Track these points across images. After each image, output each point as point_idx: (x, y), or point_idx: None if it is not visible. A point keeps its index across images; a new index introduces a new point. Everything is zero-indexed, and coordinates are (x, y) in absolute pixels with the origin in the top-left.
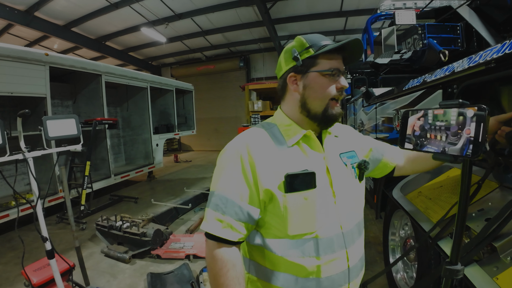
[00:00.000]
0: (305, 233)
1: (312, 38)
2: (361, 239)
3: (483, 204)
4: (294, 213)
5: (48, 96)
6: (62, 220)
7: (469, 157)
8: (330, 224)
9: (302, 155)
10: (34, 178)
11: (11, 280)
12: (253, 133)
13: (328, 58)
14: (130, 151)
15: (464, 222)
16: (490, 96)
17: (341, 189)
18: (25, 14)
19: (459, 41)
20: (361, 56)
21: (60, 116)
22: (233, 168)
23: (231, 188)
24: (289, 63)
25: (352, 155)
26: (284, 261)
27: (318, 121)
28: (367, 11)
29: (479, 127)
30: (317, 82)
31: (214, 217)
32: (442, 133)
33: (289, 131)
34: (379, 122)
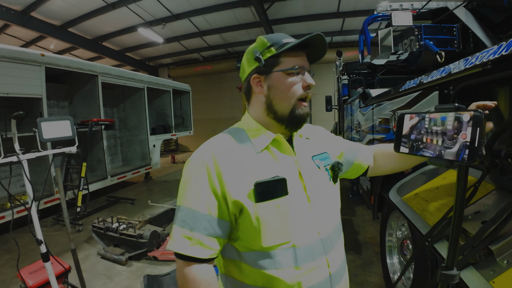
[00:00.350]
0: (281, 243)
1: (274, 37)
2: (341, 243)
3: (479, 207)
4: (267, 223)
5: (44, 97)
6: (58, 222)
7: (465, 162)
8: (307, 231)
9: (273, 161)
10: (28, 181)
11: (7, 283)
12: (219, 140)
13: (291, 56)
14: (127, 152)
15: (460, 227)
16: (487, 98)
17: (315, 193)
18: (21, 14)
19: (455, 42)
20: (325, 52)
21: (55, 118)
22: (199, 179)
23: (198, 201)
24: (252, 64)
25: (325, 156)
26: (262, 274)
27: (285, 123)
28: (364, 12)
29: (475, 132)
30: (282, 82)
31: (181, 234)
32: (438, 137)
33: (257, 136)
34: (376, 123)
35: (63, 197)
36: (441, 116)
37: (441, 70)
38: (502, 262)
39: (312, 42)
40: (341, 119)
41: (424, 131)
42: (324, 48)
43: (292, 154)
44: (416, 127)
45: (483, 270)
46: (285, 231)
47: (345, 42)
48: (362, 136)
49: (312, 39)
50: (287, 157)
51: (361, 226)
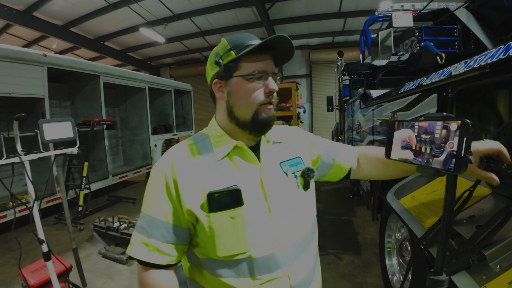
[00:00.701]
0: (237, 253)
1: (236, 39)
2: (308, 254)
3: (474, 211)
4: (221, 234)
5: (46, 97)
6: (60, 221)
7: (451, 171)
8: (266, 242)
9: (233, 169)
10: (30, 181)
11: (9, 281)
12: (180, 148)
13: (252, 61)
14: (128, 152)
15: (448, 234)
16: (486, 100)
17: (278, 203)
18: (23, 14)
19: (456, 43)
20: (292, 54)
21: (56, 119)
22: (158, 187)
23: (156, 208)
24: (214, 68)
25: (296, 162)
26: (219, 282)
27: (249, 128)
28: (366, 12)
29: (462, 142)
30: (241, 87)
31: (139, 240)
32: (427, 145)
33: (219, 143)
34: (376, 124)
35: (65, 197)
36: (430, 124)
37: (440, 72)
38: (495, 267)
39: (276, 44)
40: (342, 120)
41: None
42: (290, 49)
43: (256, 162)
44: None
45: (475, 275)
46: (241, 242)
47: (346, 42)
48: (362, 137)
49: (275, 41)
50: (250, 165)
51: (361, 226)
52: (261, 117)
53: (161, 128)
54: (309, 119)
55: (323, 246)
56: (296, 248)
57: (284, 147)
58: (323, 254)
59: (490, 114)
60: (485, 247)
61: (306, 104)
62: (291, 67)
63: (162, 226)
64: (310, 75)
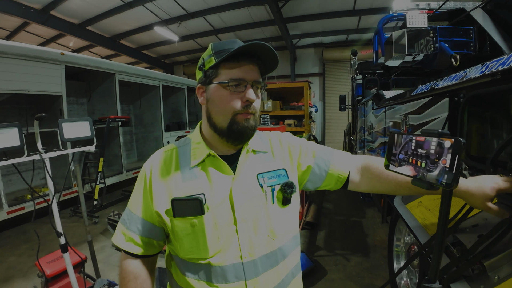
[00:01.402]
0: (198, 258)
1: (221, 45)
2: (276, 271)
3: (478, 220)
4: (183, 238)
5: (63, 94)
6: (76, 214)
7: (444, 186)
8: (228, 252)
9: (204, 178)
10: (50, 178)
11: (25, 271)
12: (162, 152)
13: (229, 68)
14: (142, 148)
15: (442, 245)
16: (500, 105)
17: (246, 215)
18: (41, 12)
19: (471, 45)
20: (276, 63)
21: (75, 119)
22: (139, 186)
23: (135, 204)
24: (198, 73)
25: (279, 174)
26: (184, 279)
27: (225, 137)
28: (381, 9)
29: (454, 159)
30: (217, 95)
31: (120, 230)
32: (422, 159)
33: (196, 150)
34: (388, 126)
35: (81, 192)
36: (426, 139)
37: (452, 76)
38: (493, 277)
39: (257, 52)
40: (354, 120)
41: (411, 152)
42: (273, 58)
43: (230, 173)
44: (404, 147)
45: (474, 284)
46: (202, 248)
47: (361, 40)
48: (374, 138)
49: (255, 48)
50: (222, 175)
51: (370, 228)
52: (236, 126)
53: (174, 125)
54: (321, 118)
55: (332, 246)
56: (259, 263)
57: (268, 157)
58: (331, 254)
59: (503, 119)
60: (485, 257)
61: (318, 103)
62: (304, 66)
63: (138, 221)
64: (323, 73)
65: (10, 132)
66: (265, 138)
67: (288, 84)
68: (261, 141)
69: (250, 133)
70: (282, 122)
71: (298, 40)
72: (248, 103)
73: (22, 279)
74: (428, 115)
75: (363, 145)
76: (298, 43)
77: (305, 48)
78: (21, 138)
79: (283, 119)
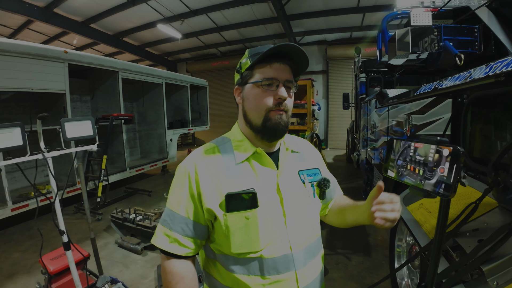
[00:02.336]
0: (249, 252)
1: (256, 49)
2: (316, 261)
3: (479, 224)
4: (235, 232)
5: (67, 92)
6: (80, 211)
7: (441, 195)
8: (278, 244)
9: (251, 173)
10: (53, 177)
11: (29, 267)
12: (203, 150)
13: (263, 67)
14: (145, 146)
15: (439, 253)
16: (504, 106)
17: (293, 208)
18: (44, 10)
19: (476, 44)
20: (307, 62)
21: (77, 118)
22: (182, 185)
23: (178, 204)
24: (236, 76)
25: (315, 172)
26: (232, 276)
27: (260, 133)
28: (385, 6)
29: (452, 168)
30: (251, 93)
31: (162, 232)
32: (421, 166)
33: (240, 148)
34: (390, 125)
35: (85, 190)
36: (424, 146)
37: (456, 76)
38: (492, 283)
39: (288, 52)
40: (357, 118)
41: (409, 159)
42: (302, 57)
43: (274, 168)
44: (402, 154)
45: None
46: (254, 241)
47: (365, 37)
48: (377, 137)
49: (286, 49)
50: (268, 170)
51: (372, 228)
52: (270, 122)
53: (177, 122)
54: (324, 116)
55: (333, 245)
56: (305, 253)
57: (301, 157)
58: (333, 253)
59: (507, 120)
60: (484, 263)
61: (322, 101)
62: None
63: (183, 221)
64: (326, 71)
65: (13, 131)
66: (296, 140)
67: None
68: (293, 143)
69: (283, 129)
70: None
71: (302, 37)
72: (280, 100)
73: (26, 275)
74: (431, 115)
75: (366, 144)
76: (301, 41)
77: (308, 45)
78: (23, 138)
79: None
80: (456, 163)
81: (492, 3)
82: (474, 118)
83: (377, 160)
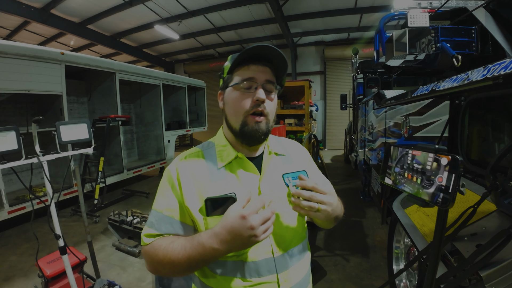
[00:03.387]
0: (231, 256)
1: (238, 54)
2: (301, 264)
3: (477, 228)
4: None
5: (64, 93)
6: (77, 213)
7: (439, 205)
8: (260, 248)
9: (233, 178)
10: (48, 181)
11: (25, 271)
12: (186, 154)
13: (242, 70)
14: (143, 147)
15: (437, 262)
16: (502, 107)
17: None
18: (41, 11)
19: (473, 45)
20: (285, 63)
21: (73, 121)
22: (166, 187)
23: (164, 205)
24: (220, 81)
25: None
26: (215, 277)
27: (239, 138)
28: (383, 7)
29: (451, 178)
30: (231, 96)
31: (149, 234)
32: (418, 175)
33: (222, 152)
34: (388, 126)
35: (81, 193)
36: (422, 154)
37: (453, 78)
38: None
39: (265, 55)
40: (355, 119)
41: (407, 167)
42: (280, 59)
43: (256, 172)
44: (400, 161)
45: None
46: None
47: (362, 38)
48: (375, 138)
49: (263, 51)
50: (250, 175)
51: (371, 228)
52: (247, 127)
53: (175, 124)
54: (322, 117)
55: (331, 246)
56: (288, 257)
57: (288, 160)
58: (331, 255)
59: (505, 122)
60: (482, 268)
61: (319, 101)
62: (305, 64)
63: (168, 221)
64: (324, 72)
65: (8, 135)
66: (282, 142)
67: (289, 83)
68: (279, 145)
69: (260, 137)
70: (283, 121)
71: (299, 38)
72: (258, 102)
73: (23, 278)
74: (429, 117)
75: (364, 145)
76: (299, 41)
77: (306, 46)
78: (18, 142)
79: (284, 118)
80: (455, 173)
81: (489, 4)
82: (472, 120)
83: (375, 161)
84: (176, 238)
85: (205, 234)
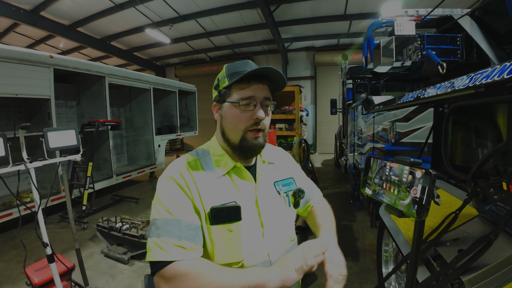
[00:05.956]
0: (231, 262)
1: (234, 67)
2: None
3: (459, 234)
4: (219, 244)
5: (52, 97)
6: (64, 219)
7: (413, 216)
8: (257, 253)
9: (232, 187)
10: (35, 188)
11: (13, 278)
12: (185, 161)
13: (241, 88)
14: (133, 152)
15: (415, 273)
16: (485, 114)
17: (269, 219)
18: (31, 13)
19: (458, 52)
20: (284, 84)
21: (61, 128)
22: (173, 192)
23: (178, 211)
24: (214, 92)
25: (289, 182)
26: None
27: (237, 151)
28: (371, 14)
29: (424, 191)
30: (229, 113)
31: (172, 243)
32: (395, 186)
33: (220, 162)
34: (376, 132)
35: (69, 199)
36: (399, 167)
37: (437, 86)
38: None
39: (266, 73)
40: (345, 123)
41: (385, 178)
42: (281, 79)
43: (252, 181)
44: (379, 172)
45: None
46: (236, 252)
47: (352, 44)
48: (364, 142)
49: (264, 70)
50: (247, 184)
51: (360, 232)
52: (247, 143)
53: (165, 128)
54: (313, 121)
55: None
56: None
57: (277, 167)
58: None
59: (487, 128)
60: (464, 273)
61: (310, 106)
62: (296, 69)
63: (189, 227)
64: (314, 77)
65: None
66: (271, 150)
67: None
68: (268, 153)
69: (259, 150)
70: (273, 126)
71: (290, 43)
72: (258, 120)
73: (11, 286)
74: (414, 123)
75: (353, 149)
76: (290, 47)
77: (296, 51)
78: (6, 149)
79: (274, 123)
80: (428, 186)
81: (474, 12)
82: (455, 126)
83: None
84: (219, 267)
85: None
